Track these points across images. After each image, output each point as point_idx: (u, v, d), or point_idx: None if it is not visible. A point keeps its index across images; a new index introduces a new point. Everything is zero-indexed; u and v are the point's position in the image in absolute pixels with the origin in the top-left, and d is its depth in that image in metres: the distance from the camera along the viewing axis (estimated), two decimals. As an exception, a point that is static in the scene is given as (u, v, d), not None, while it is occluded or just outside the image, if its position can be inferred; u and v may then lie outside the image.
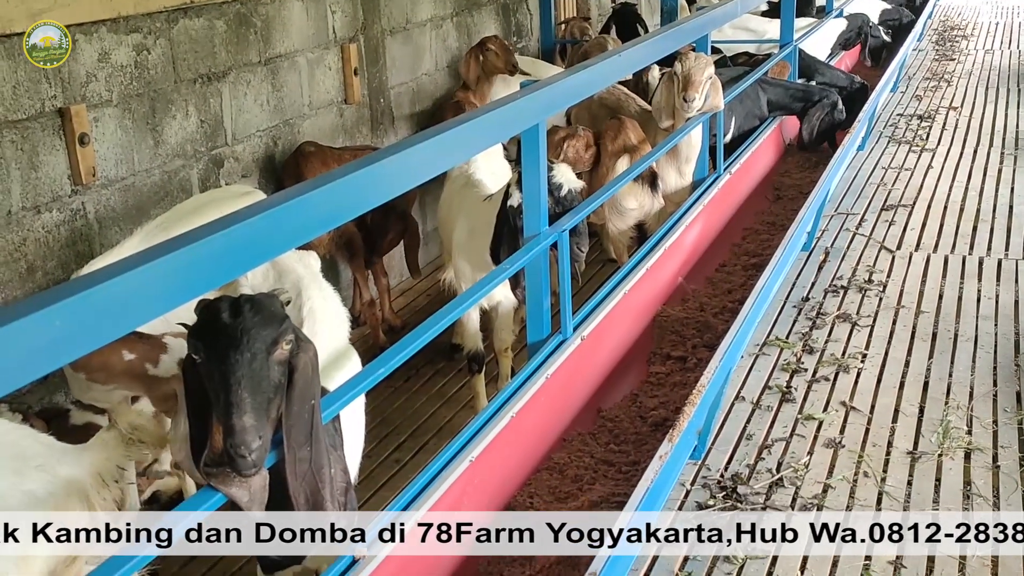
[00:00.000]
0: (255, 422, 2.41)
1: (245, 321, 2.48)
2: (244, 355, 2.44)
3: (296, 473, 2.65)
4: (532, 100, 3.82)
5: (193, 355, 2.53)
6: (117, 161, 4.87)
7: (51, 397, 4.56)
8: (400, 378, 6.01)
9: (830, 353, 5.25)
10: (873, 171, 8.34)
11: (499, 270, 3.93)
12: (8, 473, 2.83)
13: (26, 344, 1.78)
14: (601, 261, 7.39)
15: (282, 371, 2.54)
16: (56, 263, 4.56)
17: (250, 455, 2.39)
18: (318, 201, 2.57)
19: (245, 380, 2.43)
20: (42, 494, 2.82)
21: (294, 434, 2.61)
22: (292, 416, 2.59)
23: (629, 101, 6.89)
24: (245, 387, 2.42)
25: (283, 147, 6.11)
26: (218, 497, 2.49)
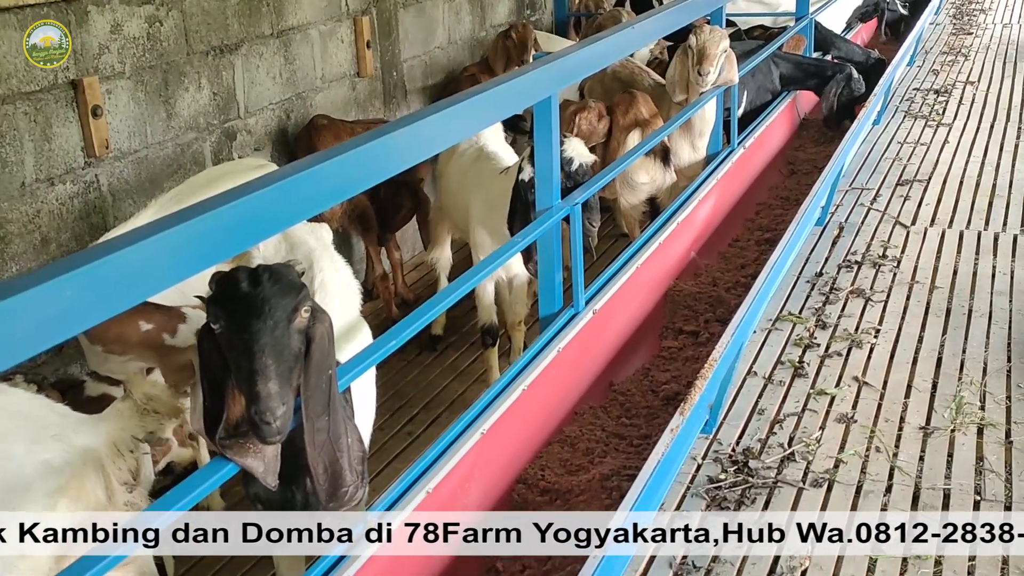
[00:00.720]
0: (279, 389, 2.43)
1: (266, 289, 2.50)
2: (267, 322, 2.46)
3: (314, 443, 2.67)
4: (545, 72, 3.80)
5: (212, 324, 2.54)
6: (130, 133, 4.87)
7: (66, 368, 4.59)
8: (413, 351, 6.03)
9: (843, 328, 5.23)
10: (889, 146, 8.29)
11: (511, 243, 3.93)
12: (25, 442, 2.84)
13: (38, 313, 1.79)
14: (614, 236, 7.38)
15: (301, 340, 2.56)
16: (70, 235, 4.58)
17: (275, 421, 2.41)
18: (331, 172, 2.57)
19: (268, 347, 2.44)
20: (58, 463, 2.83)
21: (312, 404, 2.63)
22: (310, 386, 2.61)
23: (643, 75, 6.86)
24: (269, 354, 2.44)
25: (295, 120, 6.10)
26: (201, 489, 2.47)
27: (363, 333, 3.44)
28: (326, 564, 2.71)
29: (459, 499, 3.33)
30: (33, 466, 2.79)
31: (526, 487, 3.67)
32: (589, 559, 2.63)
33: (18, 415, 2.93)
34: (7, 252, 4.30)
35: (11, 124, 4.24)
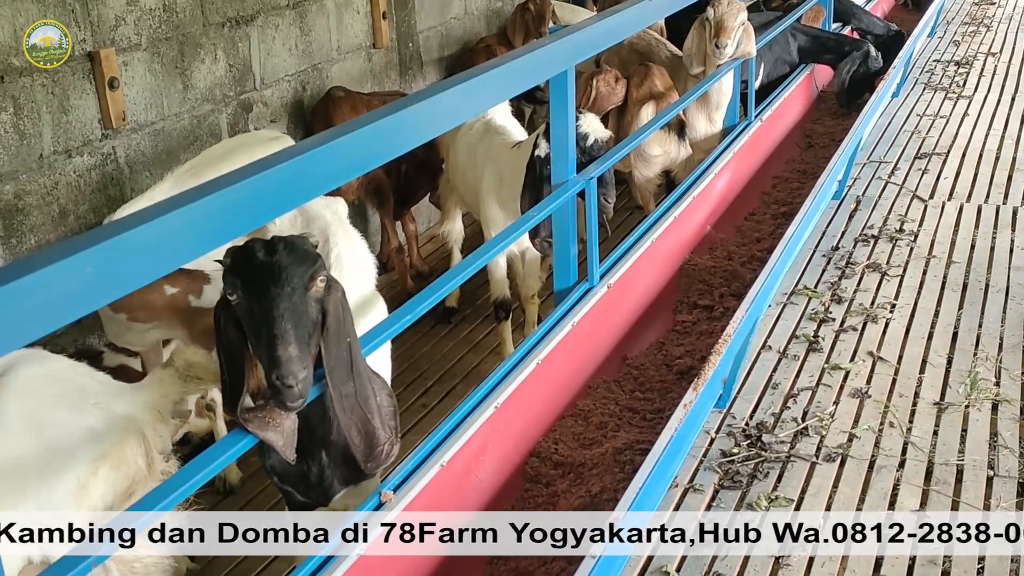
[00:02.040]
0: (299, 353, 2.46)
1: (283, 258, 2.53)
2: (284, 288, 2.49)
3: (344, 408, 2.72)
4: (562, 46, 3.78)
5: (228, 295, 2.57)
6: (147, 105, 4.88)
7: (84, 339, 4.63)
8: (427, 323, 6.05)
9: (859, 303, 5.22)
10: (907, 118, 8.22)
11: (526, 218, 3.93)
12: (68, 408, 2.89)
13: (60, 288, 1.81)
14: (629, 208, 7.36)
15: (318, 309, 2.59)
16: (88, 207, 4.60)
17: (296, 385, 2.44)
18: (349, 146, 2.58)
19: (287, 312, 2.47)
20: (100, 430, 2.88)
21: (336, 373, 2.67)
22: (331, 356, 2.65)
23: (660, 46, 6.81)
24: (288, 319, 2.47)
25: (311, 92, 6.10)
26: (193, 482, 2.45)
27: (378, 307, 3.46)
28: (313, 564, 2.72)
29: (473, 472, 3.36)
30: (76, 433, 2.84)
31: (539, 460, 3.69)
32: (586, 559, 2.64)
33: (62, 381, 2.98)
34: (26, 224, 4.33)
35: (29, 96, 4.25)
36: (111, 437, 2.89)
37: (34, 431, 2.79)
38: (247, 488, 4.70)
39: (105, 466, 2.84)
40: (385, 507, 2.88)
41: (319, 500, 3.13)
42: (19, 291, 1.72)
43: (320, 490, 3.05)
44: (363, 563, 2.69)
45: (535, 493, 3.55)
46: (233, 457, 2.54)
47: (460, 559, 3.13)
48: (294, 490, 3.08)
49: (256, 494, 4.67)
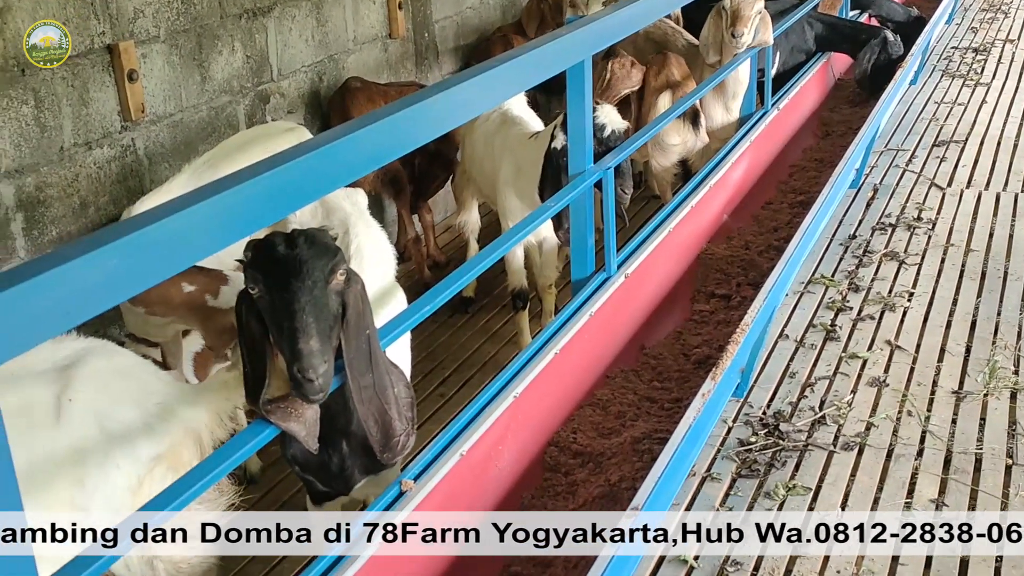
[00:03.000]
0: (320, 346, 2.48)
1: (303, 251, 2.55)
2: (305, 282, 2.51)
3: (363, 400, 2.74)
4: (578, 36, 3.78)
5: (250, 289, 2.59)
6: (165, 97, 4.91)
7: (105, 330, 4.67)
8: (444, 313, 6.06)
9: (876, 291, 5.21)
10: (925, 106, 8.18)
11: (544, 208, 3.94)
12: (133, 405, 2.92)
13: (85, 281, 1.83)
14: (645, 198, 7.35)
15: (338, 302, 2.61)
16: (108, 199, 4.64)
17: (318, 379, 2.46)
18: (369, 138, 2.59)
19: (308, 306, 2.49)
20: (161, 429, 2.91)
21: (355, 365, 2.69)
22: (351, 348, 2.67)
23: (676, 35, 6.80)
24: (309, 312, 2.49)
25: (328, 82, 6.11)
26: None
27: (398, 298, 3.48)
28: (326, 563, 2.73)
29: (492, 461, 3.38)
30: (138, 430, 2.87)
31: (558, 450, 3.71)
32: (599, 558, 2.64)
33: (129, 377, 3.00)
34: (47, 216, 4.36)
35: (49, 89, 4.28)
36: (170, 438, 2.91)
37: (99, 424, 2.82)
38: (267, 477, 4.74)
39: (162, 466, 2.86)
40: (401, 500, 2.89)
41: (340, 489, 3.16)
42: (47, 283, 1.74)
43: (341, 479, 3.08)
44: (375, 563, 2.69)
45: (554, 482, 3.57)
46: (255, 448, 2.56)
47: (474, 559, 3.13)
48: (315, 479, 3.11)
49: (276, 483, 4.71)
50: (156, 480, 2.82)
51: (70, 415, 2.79)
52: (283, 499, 4.61)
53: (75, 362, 2.91)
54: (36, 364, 2.90)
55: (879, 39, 7.71)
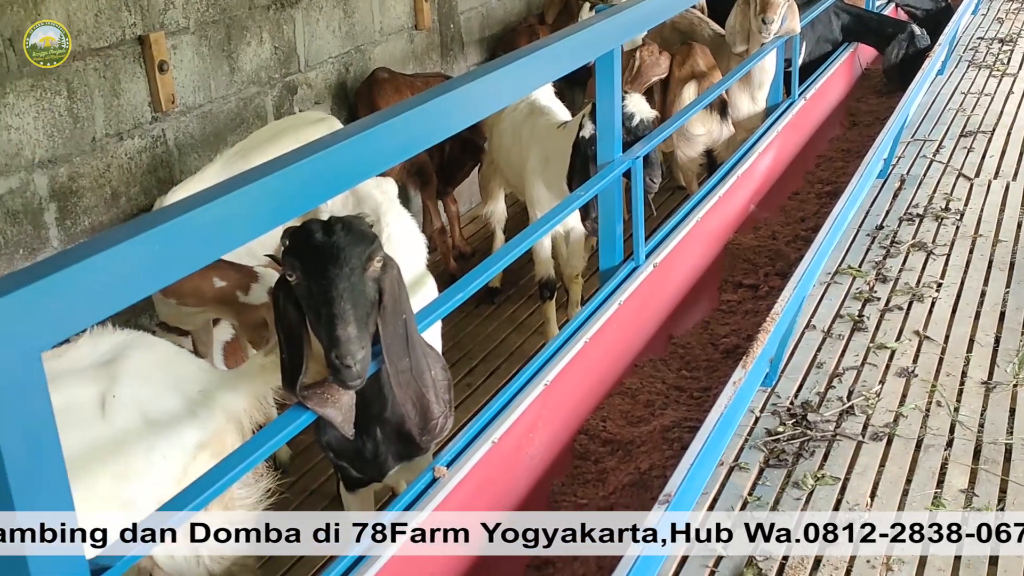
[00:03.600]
0: (358, 333, 2.49)
1: (341, 238, 2.56)
2: (343, 269, 2.53)
3: (400, 383, 2.76)
4: (607, 26, 3.78)
5: (288, 276, 2.61)
6: (195, 88, 4.94)
7: (136, 319, 4.71)
8: (471, 303, 6.08)
9: (904, 282, 5.19)
10: (952, 96, 8.13)
11: (572, 197, 3.95)
12: (176, 395, 2.94)
13: (129, 265, 1.86)
14: (671, 188, 7.35)
15: (375, 288, 2.62)
16: (139, 189, 4.68)
17: (355, 365, 2.47)
18: (401, 127, 2.60)
19: (346, 293, 2.51)
20: (204, 416, 2.93)
21: (393, 349, 2.71)
22: (388, 333, 2.69)
23: (702, 25, 6.78)
24: (347, 299, 2.50)
25: (354, 74, 6.14)
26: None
27: (428, 286, 3.50)
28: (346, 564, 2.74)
29: (523, 449, 3.40)
30: (182, 420, 2.90)
31: (588, 438, 3.73)
32: (624, 559, 2.63)
33: (169, 368, 3.02)
34: (80, 206, 4.41)
35: (82, 80, 4.32)
36: (213, 424, 2.94)
37: (143, 417, 2.84)
38: (296, 465, 4.78)
39: (205, 453, 2.88)
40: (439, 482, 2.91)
41: (373, 476, 3.18)
42: (94, 267, 1.76)
43: (375, 466, 3.10)
44: (395, 563, 2.69)
45: (584, 470, 3.59)
46: (288, 437, 2.58)
47: (497, 559, 3.13)
48: (349, 466, 3.13)
49: (305, 471, 4.74)
50: (201, 467, 2.82)
51: (114, 411, 2.82)
52: (312, 487, 4.65)
53: (116, 357, 2.93)
54: (77, 362, 2.92)
55: (906, 33, 7.66)
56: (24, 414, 1.64)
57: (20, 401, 1.63)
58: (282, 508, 4.42)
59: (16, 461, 1.62)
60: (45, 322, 1.68)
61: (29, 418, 1.65)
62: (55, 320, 1.70)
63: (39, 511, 1.69)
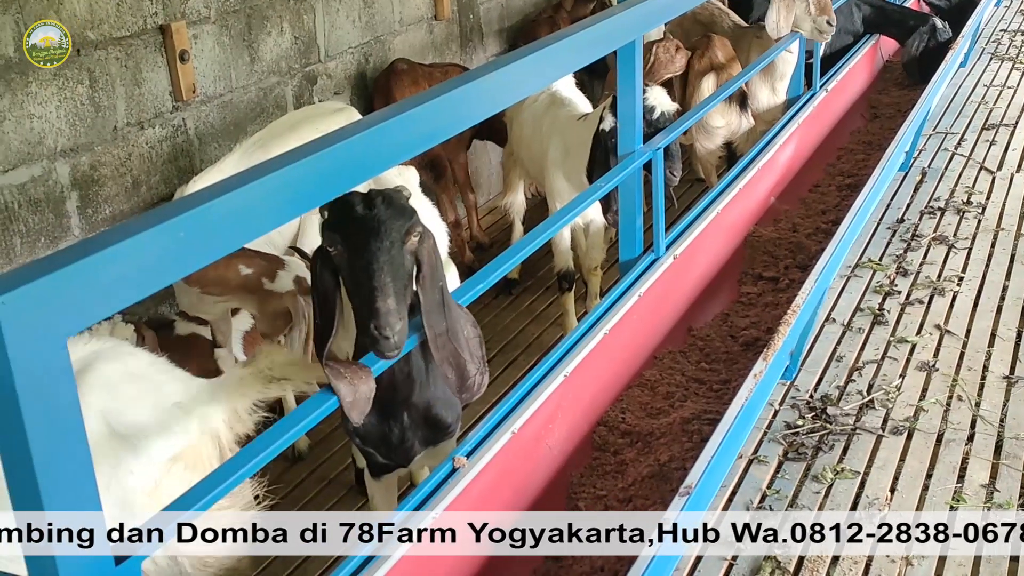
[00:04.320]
0: (397, 305, 2.52)
1: (381, 212, 2.59)
2: (384, 243, 2.56)
3: (438, 347, 2.80)
4: (628, 16, 3.76)
5: (328, 247, 2.64)
6: (215, 78, 4.95)
7: (157, 308, 4.74)
8: (489, 295, 6.07)
9: (925, 276, 5.17)
10: (974, 89, 8.07)
11: (593, 188, 3.93)
12: (148, 407, 2.91)
13: (153, 253, 1.86)
14: (690, 180, 7.32)
15: (412, 261, 2.66)
16: (159, 178, 4.69)
17: (394, 336, 2.50)
18: (421, 118, 2.60)
19: (387, 266, 2.54)
20: (178, 429, 2.90)
21: (432, 315, 2.75)
22: (428, 300, 2.72)
23: (723, 16, 6.74)
24: (387, 272, 2.53)
25: (374, 64, 6.13)
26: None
27: (451, 272, 3.53)
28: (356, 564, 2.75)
29: (543, 440, 3.40)
30: (153, 431, 2.87)
31: (607, 429, 3.72)
32: (639, 559, 2.61)
33: (141, 379, 2.99)
34: (101, 194, 4.42)
35: (104, 69, 4.34)
36: (186, 438, 2.91)
37: (109, 430, 2.80)
38: (314, 455, 4.79)
39: (179, 465, 2.86)
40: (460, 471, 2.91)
41: (400, 461, 3.22)
42: (114, 256, 1.77)
43: (401, 451, 3.14)
44: (406, 563, 2.67)
45: (603, 461, 3.58)
46: (306, 428, 2.57)
47: (509, 559, 3.12)
48: (376, 451, 3.16)
49: (322, 461, 4.76)
50: (175, 480, 2.81)
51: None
52: (329, 476, 4.67)
53: (83, 368, 2.88)
54: None
55: (927, 26, 7.60)
56: (49, 398, 1.65)
57: (45, 386, 1.64)
58: (300, 497, 4.49)
59: (41, 442, 1.63)
60: (68, 309, 1.69)
61: (54, 402, 1.66)
62: (78, 307, 1.71)
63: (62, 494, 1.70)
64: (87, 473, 1.76)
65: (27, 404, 1.60)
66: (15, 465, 1.67)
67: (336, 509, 4.45)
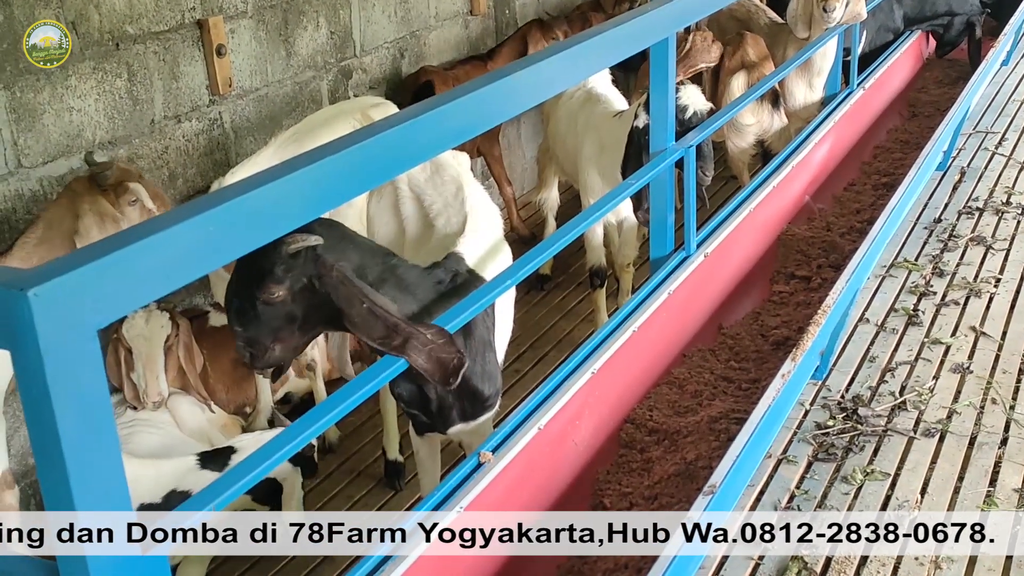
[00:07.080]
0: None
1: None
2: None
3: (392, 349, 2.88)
4: (662, 13, 3.75)
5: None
6: (252, 72, 5.00)
7: (191, 299, 4.80)
8: (520, 290, 6.07)
9: (961, 276, 5.11)
10: (1017, 87, 7.95)
11: (624, 185, 3.92)
12: None
13: (186, 246, 1.89)
14: (723, 178, 7.28)
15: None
16: (196, 171, 4.75)
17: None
18: (456, 112, 2.61)
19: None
20: None
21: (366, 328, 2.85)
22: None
23: (759, 13, 6.70)
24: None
25: (409, 59, 6.16)
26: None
27: (504, 252, 3.62)
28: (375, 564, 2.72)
29: (569, 436, 3.40)
30: None
31: (634, 427, 3.72)
32: (660, 558, 2.62)
33: None
34: (138, 186, 4.48)
35: (142, 63, 4.39)
36: None
37: None
38: (345, 447, 4.84)
39: None
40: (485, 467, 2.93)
41: (438, 427, 3.40)
42: (150, 248, 1.80)
43: (440, 418, 3.33)
44: (423, 564, 2.67)
45: (629, 459, 3.58)
46: (334, 419, 2.59)
47: (529, 560, 3.12)
48: (420, 413, 3.36)
49: (353, 453, 4.80)
50: None
51: None
52: (359, 468, 4.71)
53: None
54: None
55: (968, 23, 7.51)
56: (80, 389, 1.68)
57: (76, 374, 1.67)
58: (329, 489, 4.53)
59: (71, 434, 1.66)
60: (99, 302, 1.71)
61: (85, 393, 1.69)
62: (109, 300, 1.74)
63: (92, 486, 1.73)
64: (116, 465, 1.79)
65: (57, 395, 1.63)
66: (46, 455, 1.70)
67: (365, 501, 4.49)
